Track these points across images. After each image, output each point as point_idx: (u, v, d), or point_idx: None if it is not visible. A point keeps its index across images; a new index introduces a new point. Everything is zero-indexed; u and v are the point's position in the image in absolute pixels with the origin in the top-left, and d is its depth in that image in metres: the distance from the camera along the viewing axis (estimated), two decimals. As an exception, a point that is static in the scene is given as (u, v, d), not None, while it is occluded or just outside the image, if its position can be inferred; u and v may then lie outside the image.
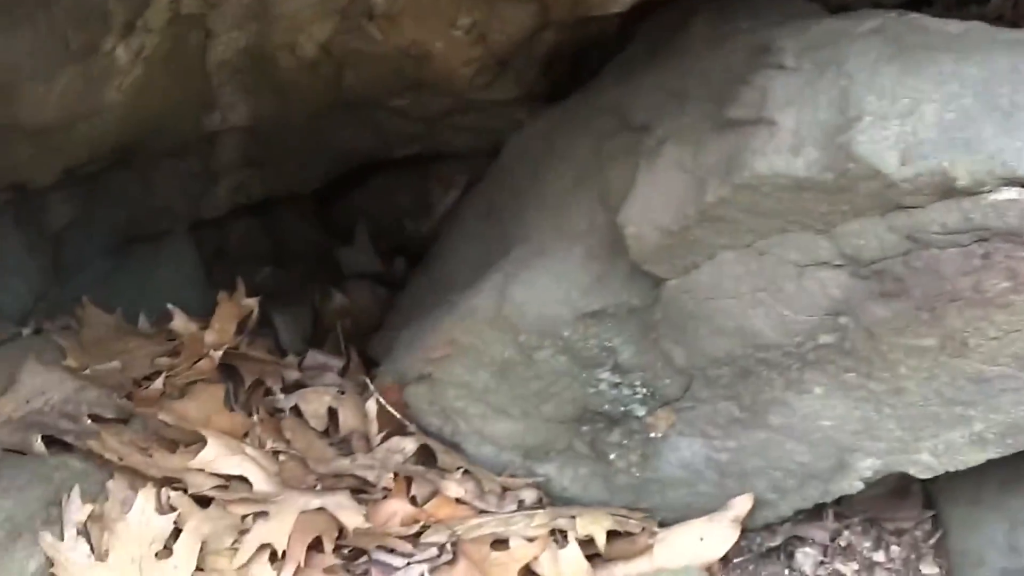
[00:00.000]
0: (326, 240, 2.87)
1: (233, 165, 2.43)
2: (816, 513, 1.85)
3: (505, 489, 1.89)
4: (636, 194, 1.71)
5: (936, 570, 1.81)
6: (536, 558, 1.75)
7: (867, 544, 1.84)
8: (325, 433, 2.00)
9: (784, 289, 1.62)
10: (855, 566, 1.81)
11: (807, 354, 1.65)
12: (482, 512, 1.86)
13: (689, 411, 1.78)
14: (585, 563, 1.74)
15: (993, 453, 1.64)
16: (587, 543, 1.76)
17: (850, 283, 1.59)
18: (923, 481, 1.85)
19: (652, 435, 1.82)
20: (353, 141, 2.43)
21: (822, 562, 1.81)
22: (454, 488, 1.87)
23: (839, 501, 1.86)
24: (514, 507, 1.88)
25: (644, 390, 1.80)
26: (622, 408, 1.82)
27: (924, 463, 1.67)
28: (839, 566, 1.81)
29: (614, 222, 1.74)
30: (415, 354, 1.94)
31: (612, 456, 1.85)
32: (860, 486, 1.73)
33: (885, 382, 1.63)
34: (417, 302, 2.33)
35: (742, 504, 1.78)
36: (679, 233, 1.65)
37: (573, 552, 1.75)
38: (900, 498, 1.87)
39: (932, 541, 1.84)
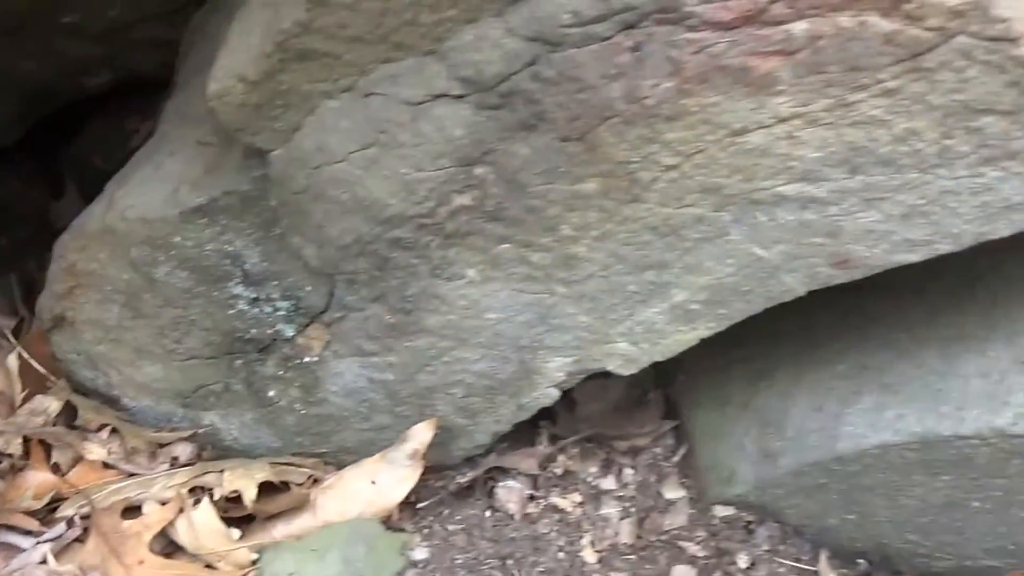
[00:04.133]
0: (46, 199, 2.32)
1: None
2: (529, 437, 1.31)
3: (160, 445, 1.35)
4: (226, 46, 1.16)
5: (682, 493, 1.27)
6: (172, 523, 1.22)
7: (593, 469, 1.30)
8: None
9: (398, 139, 1.08)
10: (577, 497, 1.27)
11: (445, 224, 1.11)
12: (131, 476, 1.32)
13: (340, 323, 1.24)
14: (220, 525, 1.22)
15: (705, 330, 1.10)
16: (238, 500, 1.24)
17: (475, 118, 1.04)
18: (661, 385, 1.33)
19: (307, 359, 1.27)
20: (37, 74, 1.87)
21: (532, 496, 1.27)
22: (96, 450, 1.33)
23: (554, 420, 1.32)
24: (166, 466, 1.34)
25: (286, 304, 1.25)
26: (269, 331, 1.28)
27: (622, 354, 1.13)
28: (556, 499, 1.27)
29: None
30: (46, 294, 1.40)
31: (271, 393, 1.31)
32: (555, 394, 1.19)
33: (549, 250, 1.09)
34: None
35: (421, 434, 1.24)
36: (263, 81, 1.10)
37: (205, 513, 1.22)
38: (633, 408, 1.33)
39: (675, 458, 1.30)
